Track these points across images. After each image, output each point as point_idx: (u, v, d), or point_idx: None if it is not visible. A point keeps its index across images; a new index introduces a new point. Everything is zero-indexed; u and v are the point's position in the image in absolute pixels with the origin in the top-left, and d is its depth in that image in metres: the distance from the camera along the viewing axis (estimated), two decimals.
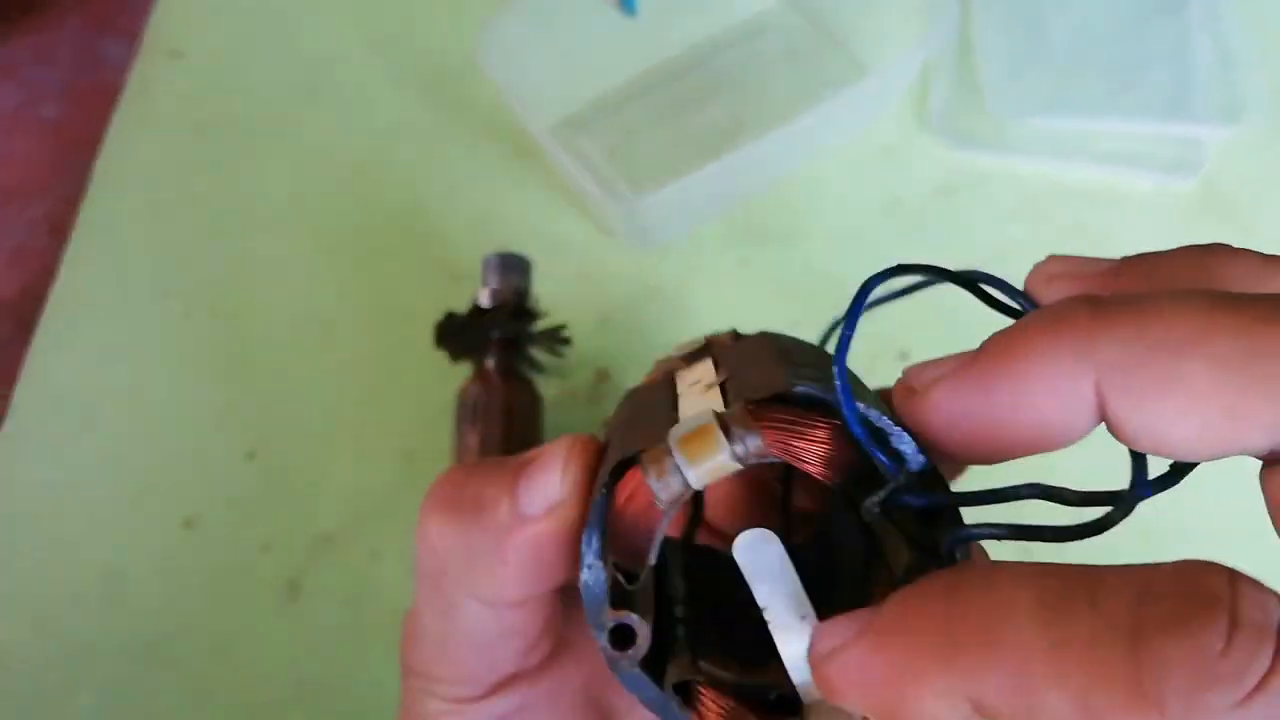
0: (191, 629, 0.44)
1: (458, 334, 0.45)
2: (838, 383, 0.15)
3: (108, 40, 0.64)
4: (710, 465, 0.15)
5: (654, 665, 0.18)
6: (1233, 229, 0.52)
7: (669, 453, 0.16)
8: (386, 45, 0.60)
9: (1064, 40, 0.57)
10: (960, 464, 0.17)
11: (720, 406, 0.17)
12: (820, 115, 0.47)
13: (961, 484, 0.18)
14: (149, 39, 0.61)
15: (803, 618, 0.16)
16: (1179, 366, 0.13)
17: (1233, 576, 0.13)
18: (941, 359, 0.16)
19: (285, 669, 0.43)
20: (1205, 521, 0.38)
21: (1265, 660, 0.12)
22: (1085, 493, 0.16)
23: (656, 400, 0.20)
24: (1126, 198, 0.53)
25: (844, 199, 0.53)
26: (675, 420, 0.17)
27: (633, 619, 0.17)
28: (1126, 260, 0.18)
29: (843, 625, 0.16)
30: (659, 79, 0.57)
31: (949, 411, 0.16)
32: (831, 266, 0.50)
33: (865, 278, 0.17)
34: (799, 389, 0.16)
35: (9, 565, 0.45)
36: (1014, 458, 0.16)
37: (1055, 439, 0.15)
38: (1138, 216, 0.53)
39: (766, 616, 0.16)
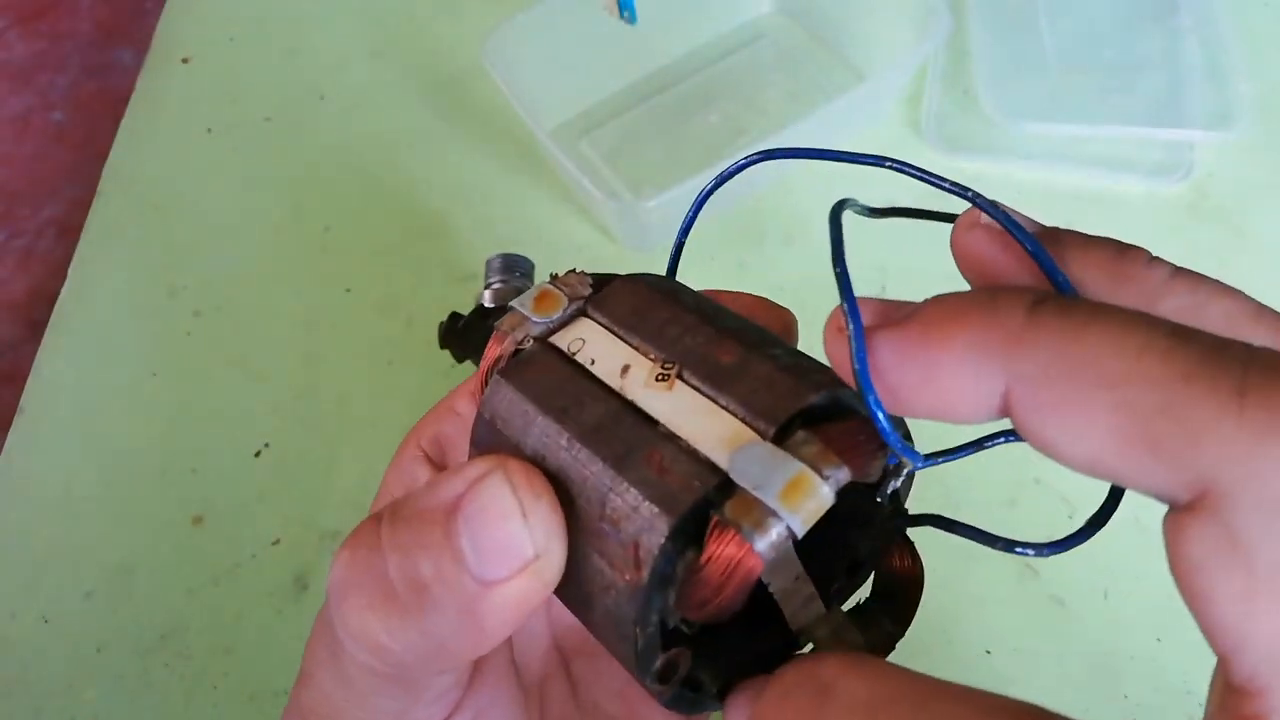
0: (200, 624, 0.44)
1: (461, 334, 0.45)
2: (867, 394, 0.15)
3: (117, 46, 0.65)
4: (813, 509, 0.15)
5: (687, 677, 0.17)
6: (1223, 233, 0.53)
7: (762, 504, 0.14)
8: (392, 51, 0.61)
9: (1057, 46, 0.58)
10: None
11: (738, 426, 0.16)
12: (816, 120, 0.48)
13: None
14: (158, 45, 0.62)
15: (796, 578, 0.17)
16: (1089, 398, 0.13)
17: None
18: (878, 303, 0.16)
19: (293, 664, 0.43)
20: None
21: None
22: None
23: (585, 395, 0.17)
24: (1118, 202, 0.54)
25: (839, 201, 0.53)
26: (680, 446, 0.16)
27: (676, 660, 0.17)
28: (1047, 231, 0.17)
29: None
30: (658, 85, 0.58)
31: (875, 362, 0.15)
32: (827, 269, 0.51)
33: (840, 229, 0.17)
34: (831, 399, 0.16)
35: (20, 561, 0.46)
36: (918, 417, 0.16)
37: (953, 418, 0.15)
38: (1129, 220, 0.53)
39: (771, 590, 0.17)
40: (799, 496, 0.14)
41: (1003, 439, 0.17)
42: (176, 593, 0.45)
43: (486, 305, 0.45)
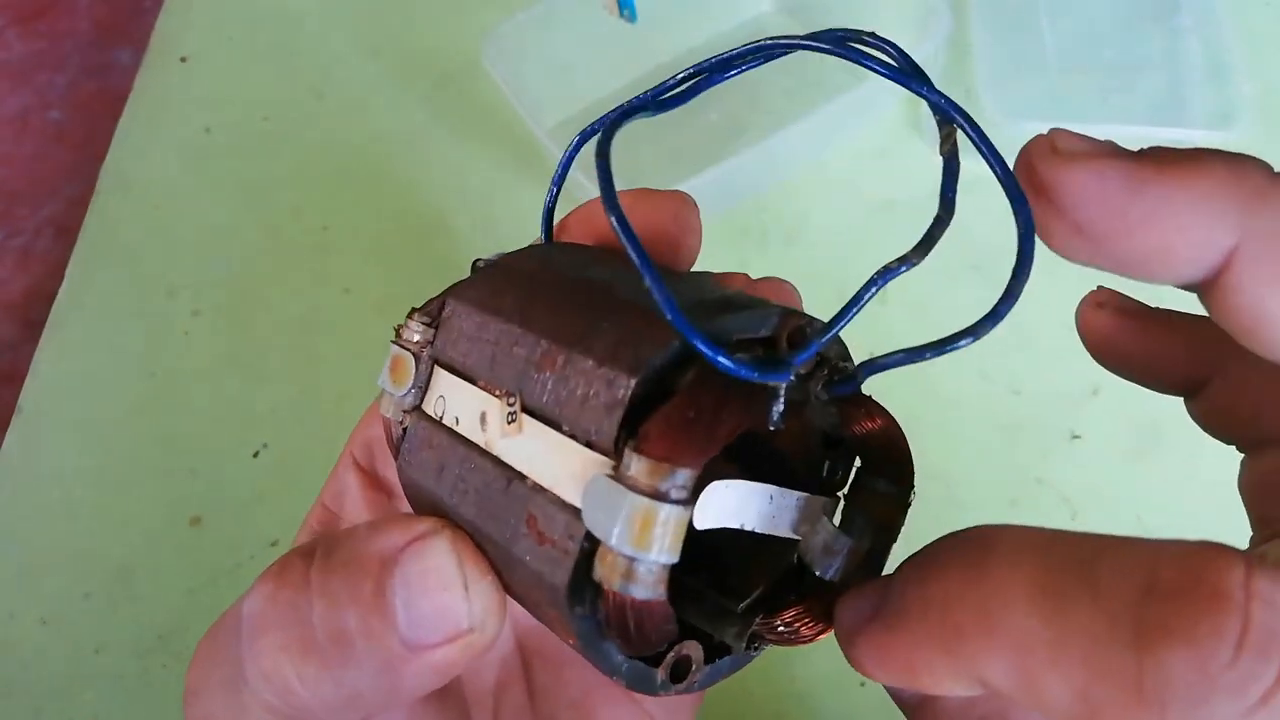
0: (199, 625, 0.44)
1: None
2: (696, 341, 0.14)
3: (116, 46, 0.65)
4: (673, 535, 0.14)
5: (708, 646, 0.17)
6: None
7: (627, 558, 0.14)
8: (391, 50, 0.61)
9: (1057, 46, 0.58)
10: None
11: (578, 450, 0.15)
12: (817, 120, 0.48)
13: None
14: (156, 44, 0.62)
15: (771, 499, 0.16)
16: None
17: (1249, 569, 0.12)
18: (1092, 138, 0.16)
19: None
20: (1202, 520, 0.39)
21: (1272, 672, 0.11)
22: (922, 242, 0.16)
23: (465, 465, 0.17)
24: None
25: (840, 202, 0.53)
26: (544, 495, 0.15)
27: (686, 651, 0.16)
28: (1148, 151, 0.16)
29: (858, 603, 0.16)
30: (658, 83, 0.58)
31: (1085, 187, 0.15)
32: (828, 268, 0.51)
33: (867, 277, 0.16)
34: (648, 373, 0.15)
35: (18, 562, 0.46)
36: (1107, 266, 0.15)
37: (1161, 269, 0.15)
38: None
39: (749, 528, 0.16)
40: (650, 534, 0.14)
41: (965, 341, 0.15)
42: (175, 594, 0.45)
43: None
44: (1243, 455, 0.19)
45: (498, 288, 0.19)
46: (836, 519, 0.18)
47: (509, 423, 0.16)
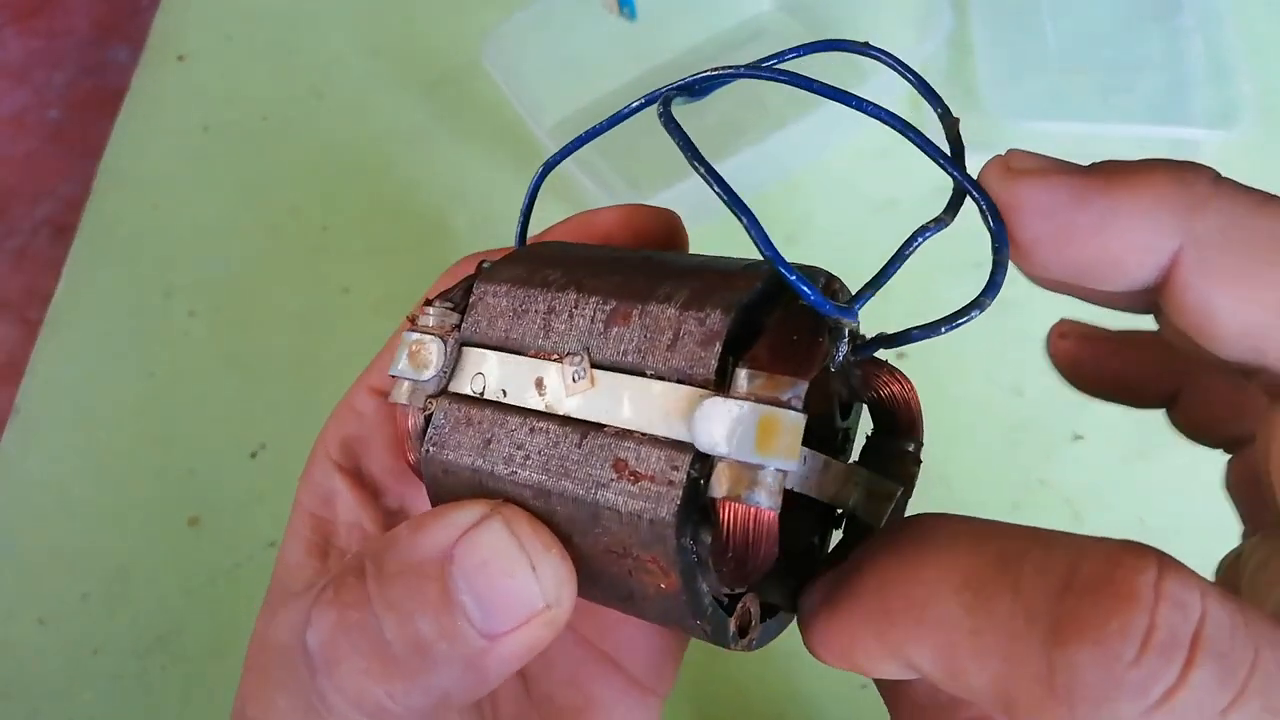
0: (197, 626, 0.44)
1: None
2: (786, 272, 0.15)
3: (113, 44, 0.64)
4: (791, 441, 0.14)
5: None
6: None
7: (742, 464, 0.14)
8: (390, 49, 0.61)
9: (1059, 45, 0.57)
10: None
11: (677, 388, 0.15)
12: (815, 121, 0.48)
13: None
14: (153, 43, 0.61)
15: (805, 460, 0.17)
16: (1264, 266, 0.14)
17: (1161, 569, 0.12)
18: (1046, 156, 0.17)
19: None
20: (1200, 521, 0.39)
21: (1173, 673, 0.11)
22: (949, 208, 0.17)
23: (523, 433, 0.17)
24: None
25: (840, 202, 0.53)
26: (634, 438, 0.15)
27: (748, 605, 0.17)
28: (1097, 165, 0.17)
29: (815, 590, 0.16)
30: (658, 82, 0.57)
31: (1035, 201, 0.16)
32: (830, 267, 0.51)
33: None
34: (738, 311, 0.16)
35: (15, 563, 0.46)
36: (1064, 279, 0.16)
37: (1114, 273, 0.15)
38: None
39: (789, 486, 0.17)
40: (774, 439, 0.14)
41: (974, 313, 0.16)
42: (173, 595, 0.45)
43: None
44: (1227, 456, 0.19)
45: (534, 268, 0.18)
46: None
47: (575, 380, 0.16)
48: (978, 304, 0.16)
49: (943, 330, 0.16)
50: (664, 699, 0.23)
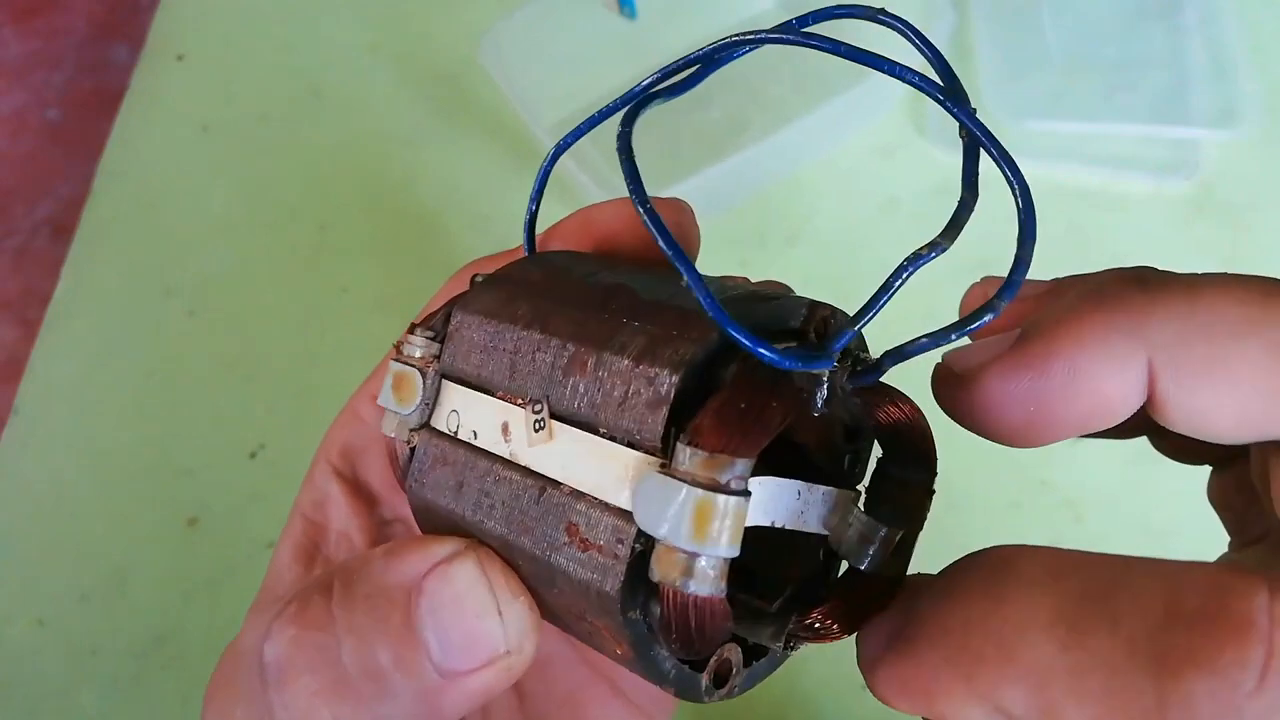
0: (195, 627, 0.44)
1: None
2: (736, 335, 0.14)
3: (112, 43, 0.64)
4: (734, 527, 0.14)
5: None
6: (1228, 231, 0.52)
7: (687, 554, 0.14)
8: (388, 48, 0.61)
9: (1060, 44, 0.57)
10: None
11: (623, 452, 0.15)
12: (818, 118, 0.48)
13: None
14: (153, 42, 0.61)
15: (799, 495, 0.16)
16: (1230, 350, 0.13)
17: (1272, 595, 0.11)
18: (980, 343, 0.16)
19: None
20: (1201, 522, 0.39)
21: None
22: (948, 228, 0.16)
23: (490, 479, 0.16)
24: (1123, 200, 0.53)
25: (842, 201, 0.53)
26: (584, 500, 0.15)
27: (727, 655, 0.16)
28: (1062, 280, 0.17)
29: (879, 630, 0.16)
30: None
31: (1002, 394, 0.15)
32: (831, 267, 0.51)
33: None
34: (690, 369, 0.15)
35: (14, 563, 0.46)
36: (1063, 438, 0.16)
37: (1107, 417, 0.15)
38: (1134, 218, 0.53)
39: (779, 525, 0.16)
40: (709, 526, 0.13)
41: (987, 317, 0.15)
42: (172, 595, 0.44)
43: None
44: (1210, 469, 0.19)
45: (508, 296, 0.18)
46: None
47: (536, 430, 0.16)
48: (990, 307, 0.15)
49: (953, 337, 0.15)
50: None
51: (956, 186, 0.22)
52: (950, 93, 0.16)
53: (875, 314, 0.15)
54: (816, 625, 0.17)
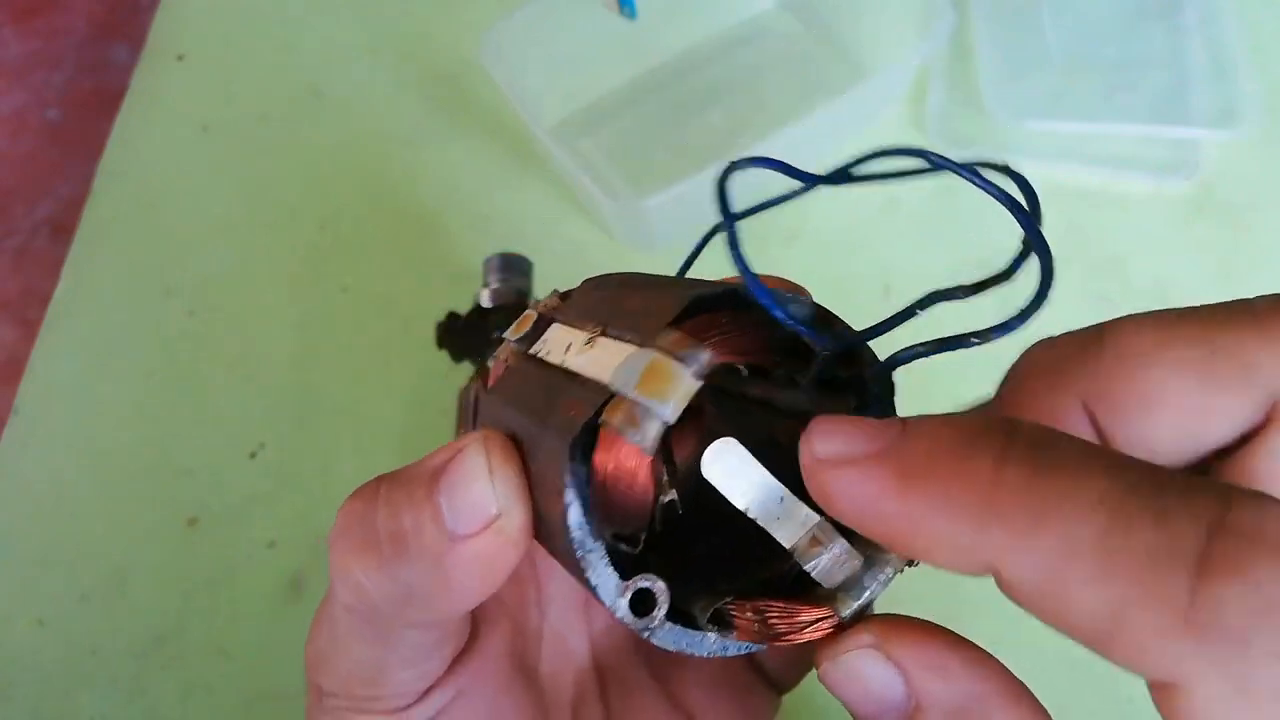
0: (195, 627, 0.44)
1: (459, 334, 0.45)
2: (744, 271, 0.16)
3: (112, 43, 0.64)
4: (679, 392, 0.15)
5: (674, 611, 0.17)
6: (1228, 231, 0.52)
7: (632, 401, 0.15)
8: (388, 48, 0.61)
9: (1060, 44, 0.57)
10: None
11: (629, 348, 0.17)
12: (818, 118, 0.48)
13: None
14: (153, 42, 0.61)
15: (781, 500, 0.17)
16: (1140, 378, 0.14)
17: None
18: (849, 429, 0.15)
19: (289, 666, 0.43)
20: None
21: None
22: (975, 284, 0.17)
23: (535, 379, 0.20)
24: (1123, 200, 0.53)
25: (842, 201, 0.53)
26: (584, 383, 0.17)
27: (649, 581, 0.17)
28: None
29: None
30: (659, 82, 0.58)
31: (855, 496, 0.15)
32: (831, 267, 0.51)
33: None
34: (701, 294, 0.17)
35: (14, 564, 0.46)
36: (906, 555, 0.15)
37: (941, 563, 0.14)
38: (1134, 219, 0.53)
39: (751, 515, 0.16)
40: (657, 382, 0.15)
41: (974, 341, 0.16)
42: (172, 595, 0.45)
43: (484, 305, 0.45)
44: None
45: (603, 282, 0.23)
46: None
47: (587, 344, 0.19)
48: (981, 336, 0.16)
49: (974, 343, 0.16)
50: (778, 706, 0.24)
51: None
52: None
53: (887, 330, 0.17)
54: (751, 615, 0.17)
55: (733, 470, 0.16)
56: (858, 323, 0.18)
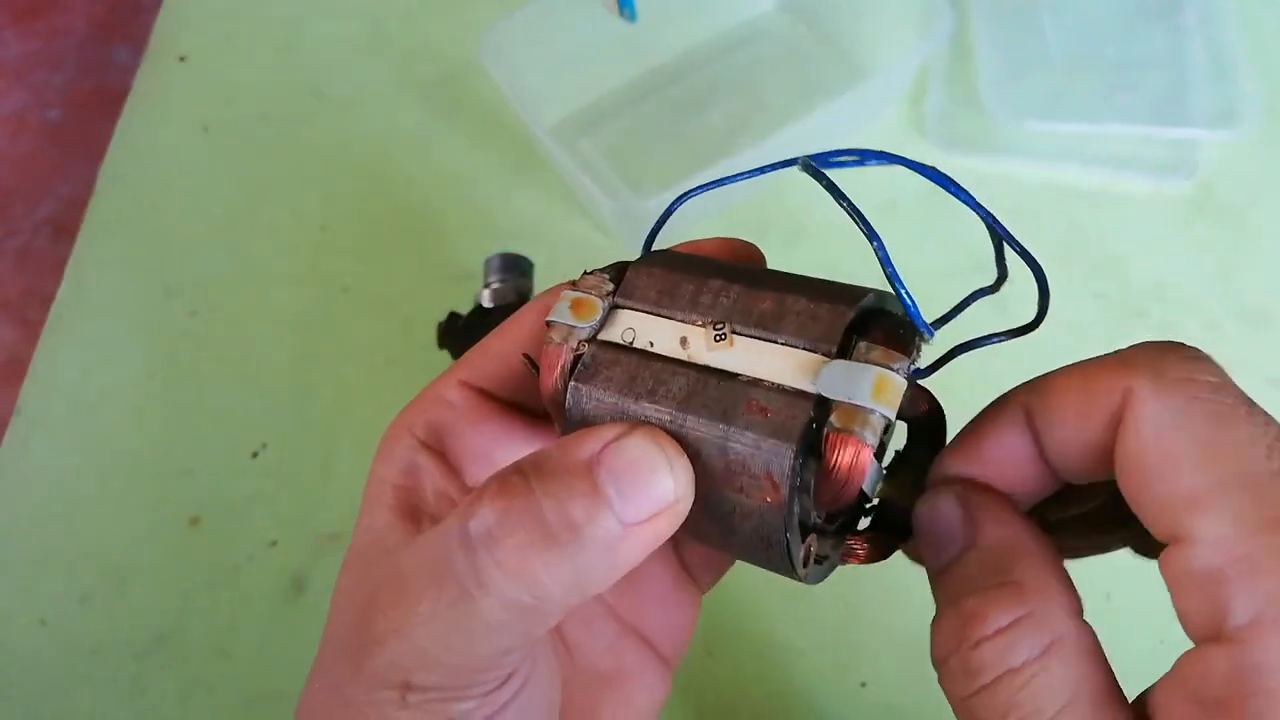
0: (197, 626, 0.44)
1: (460, 334, 0.45)
2: (901, 291, 0.19)
3: (114, 44, 0.64)
4: (896, 399, 0.19)
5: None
6: (1228, 231, 0.52)
7: (863, 409, 0.18)
8: (389, 48, 0.61)
9: (1060, 44, 0.57)
10: None
11: (804, 354, 0.20)
12: (818, 119, 0.48)
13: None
14: (154, 43, 0.61)
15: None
16: (1058, 400, 0.20)
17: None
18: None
19: (290, 665, 0.43)
20: None
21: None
22: (1006, 331, 0.21)
23: (661, 372, 0.20)
24: (1123, 200, 0.53)
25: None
26: (762, 384, 0.19)
27: (813, 548, 0.20)
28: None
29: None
30: (658, 82, 0.58)
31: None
32: (830, 267, 0.51)
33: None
34: (859, 309, 0.20)
35: (16, 563, 0.46)
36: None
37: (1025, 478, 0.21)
38: (1134, 218, 0.53)
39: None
40: (885, 392, 0.18)
41: (996, 339, 0.20)
42: (172, 595, 0.45)
43: (485, 305, 0.45)
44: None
45: (677, 263, 0.23)
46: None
47: (717, 340, 0.20)
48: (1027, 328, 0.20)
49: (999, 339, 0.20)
50: (675, 670, 0.27)
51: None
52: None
53: (941, 325, 0.21)
54: (855, 547, 0.22)
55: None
56: None
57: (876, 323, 0.20)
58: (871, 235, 0.20)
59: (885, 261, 0.19)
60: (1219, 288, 0.51)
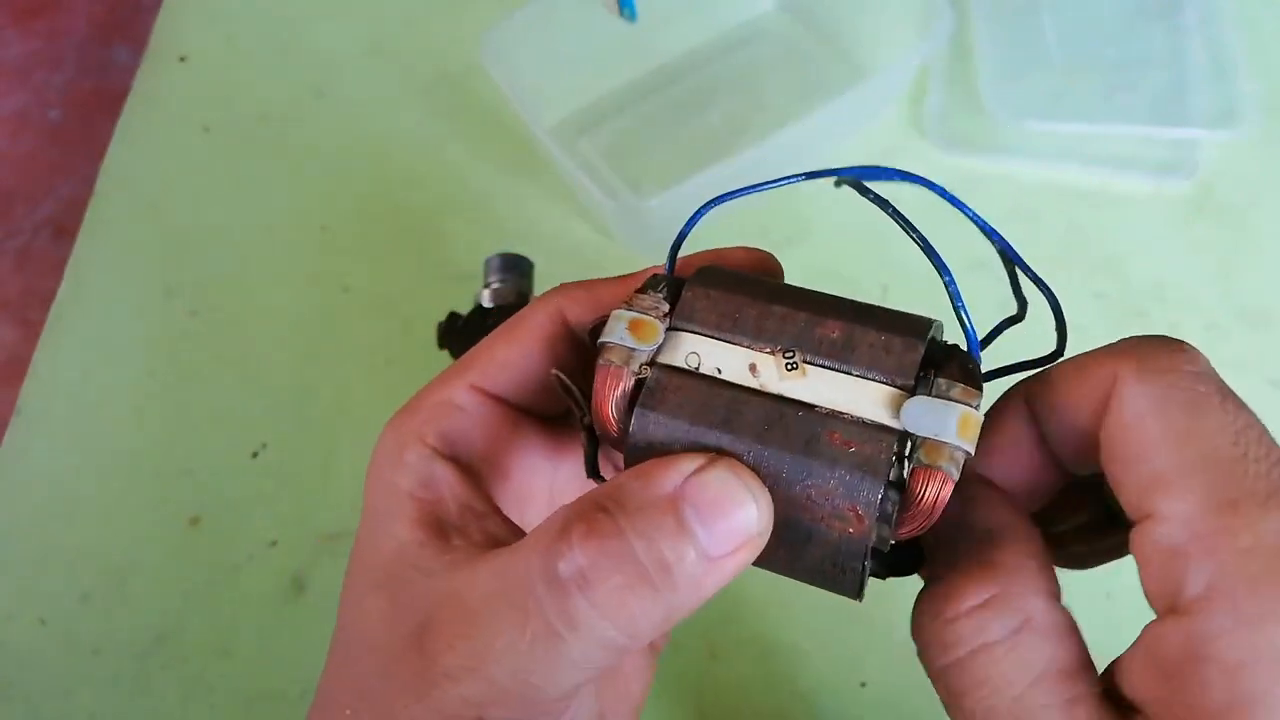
0: (197, 626, 0.44)
1: (460, 334, 0.45)
2: (968, 324, 0.20)
3: (114, 44, 0.64)
4: (977, 434, 0.19)
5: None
6: (1228, 231, 0.52)
7: (948, 445, 0.19)
8: (390, 49, 0.61)
9: (1060, 44, 0.57)
10: None
11: (879, 387, 0.20)
12: (818, 119, 0.48)
13: None
14: (155, 43, 0.61)
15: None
16: (1050, 395, 0.21)
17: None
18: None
19: (290, 665, 0.43)
20: None
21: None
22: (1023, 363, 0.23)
23: (734, 402, 0.20)
24: (1123, 200, 0.53)
25: (842, 201, 0.53)
26: (841, 417, 0.20)
27: (879, 566, 0.22)
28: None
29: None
30: (658, 83, 0.58)
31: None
32: (830, 267, 0.51)
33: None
34: (929, 342, 0.20)
35: (15, 563, 0.46)
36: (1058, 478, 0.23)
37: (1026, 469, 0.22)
38: (1134, 218, 0.53)
39: None
40: (968, 429, 0.19)
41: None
42: (173, 595, 0.45)
43: (485, 305, 0.45)
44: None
45: (736, 285, 0.22)
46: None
47: (789, 369, 0.20)
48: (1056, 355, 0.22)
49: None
50: (659, 654, 0.27)
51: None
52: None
53: (985, 344, 0.22)
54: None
55: None
56: None
57: (947, 358, 0.20)
58: (942, 269, 0.20)
59: (955, 297, 0.20)
60: (1219, 288, 0.51)
